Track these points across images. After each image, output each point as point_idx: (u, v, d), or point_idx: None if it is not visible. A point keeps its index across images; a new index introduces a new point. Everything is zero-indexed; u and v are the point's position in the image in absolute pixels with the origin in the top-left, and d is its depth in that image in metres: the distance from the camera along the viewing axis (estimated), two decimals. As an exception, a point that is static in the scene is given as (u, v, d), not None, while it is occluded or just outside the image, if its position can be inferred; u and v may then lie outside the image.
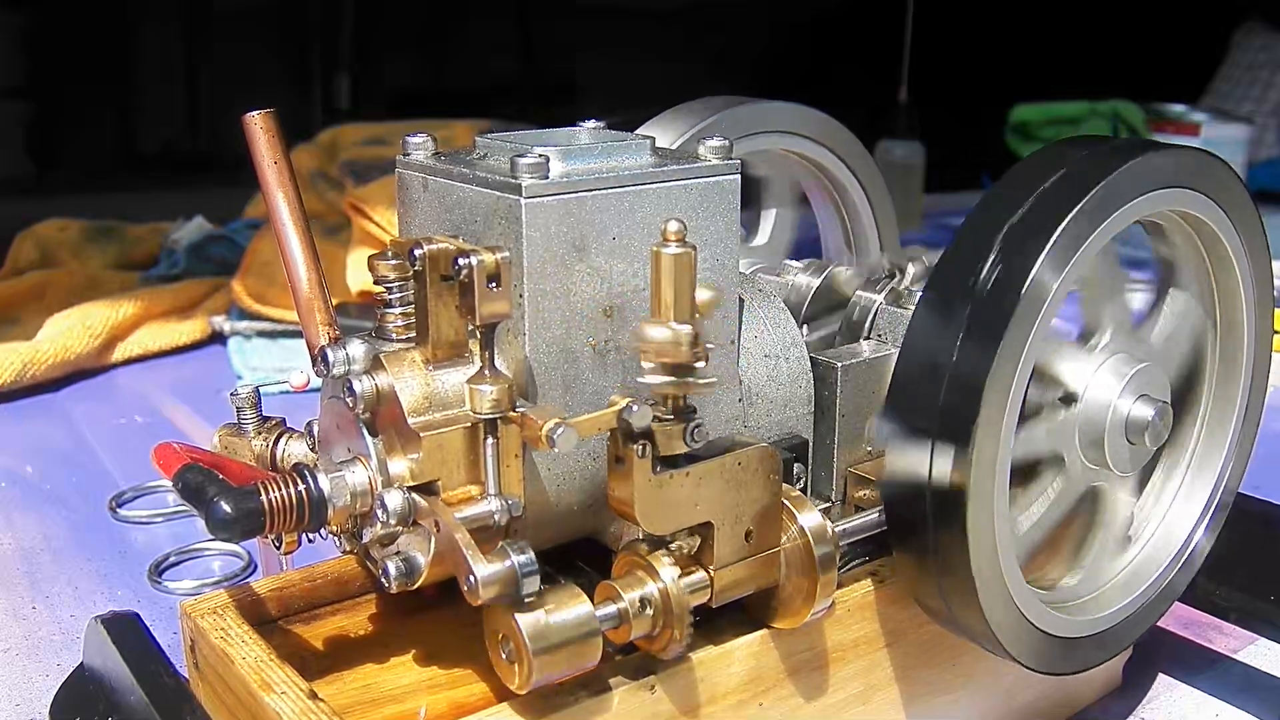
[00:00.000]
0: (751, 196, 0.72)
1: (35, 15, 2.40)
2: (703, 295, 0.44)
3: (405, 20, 2.71)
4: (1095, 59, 2.52)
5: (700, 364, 0.44)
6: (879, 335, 0.61)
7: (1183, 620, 0.72)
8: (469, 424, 0.46)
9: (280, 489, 0.46)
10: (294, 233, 0.53)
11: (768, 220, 0.77)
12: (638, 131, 0.64)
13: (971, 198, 0.58)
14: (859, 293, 0.62)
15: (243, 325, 1.33)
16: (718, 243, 0.52)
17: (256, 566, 0.80)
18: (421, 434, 0.46)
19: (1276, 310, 0.61)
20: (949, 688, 0.58)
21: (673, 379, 0.44)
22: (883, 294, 0.61)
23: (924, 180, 1.98)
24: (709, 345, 0.45)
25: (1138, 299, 0.57)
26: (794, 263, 0.63)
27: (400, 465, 0.47)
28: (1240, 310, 0.58)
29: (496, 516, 0.46)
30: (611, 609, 0.46)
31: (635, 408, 0.44)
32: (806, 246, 0.76)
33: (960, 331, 0.47)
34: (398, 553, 0.47)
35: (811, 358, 0.58)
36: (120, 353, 1.28)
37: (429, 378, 0.47)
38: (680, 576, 0.46)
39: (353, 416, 0.48)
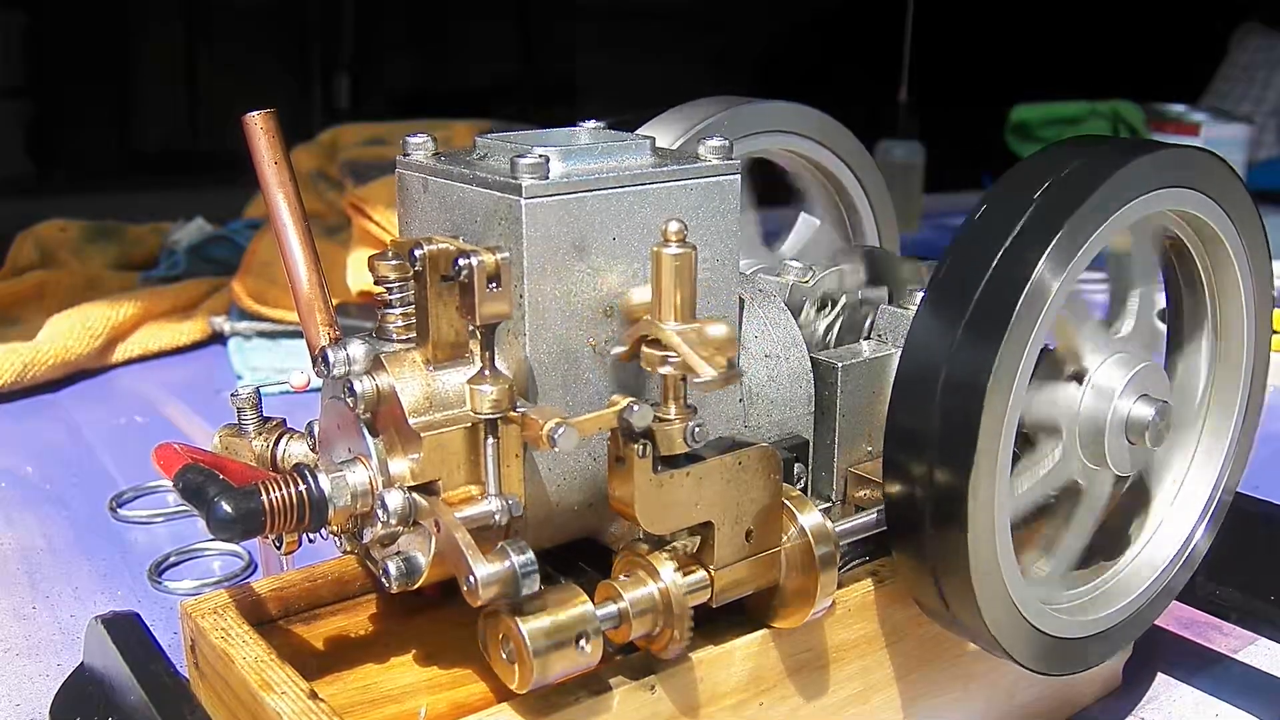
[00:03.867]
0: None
1: (35, 15, 2.40)
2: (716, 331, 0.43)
3: (405, 20, 2.72)
4: (1095, 59, 2.52)
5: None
6: (879, 335, 0.61)
7: (1183, 620, 0.72)
8: (469, 424, 0.46)
9: (281, 489, 0.46)
10: (294, 233, 0.53)
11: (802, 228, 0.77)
12: (638, 131, 0.64)
13: (971, 198, 0.58)
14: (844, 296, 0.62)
15: (243, 325, 1.33)
16: (718, 243, 0.52)
17: (256, 566, 0.80)
18: (422, 434, 0.46)
19: (1276, 310, 0.61)
20: (949, 688, 0.58)
21: (725, 372, 0.44)
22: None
23: (924, 180, 1.98)
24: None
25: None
26: (794, 263, 0.63)
27: (401, 465, 0.47)
28: (1240, 310, 0.58)
29: (497, 516, 0.46)
30: (611, 609, 0.46)
31: (636, 407, 0.44)
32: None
33: (961, 332, 0.47)
34: (398, 553, 0.47)
35: (812, 358, 0.58)
36: (120, 353, 1.28)
37: (429, 378, 0.47)
38: (680, 576, 0.46)
39: (353, 416, 0.48)
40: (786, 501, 0.49)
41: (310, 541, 0.52)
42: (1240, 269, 0.57)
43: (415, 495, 0.46)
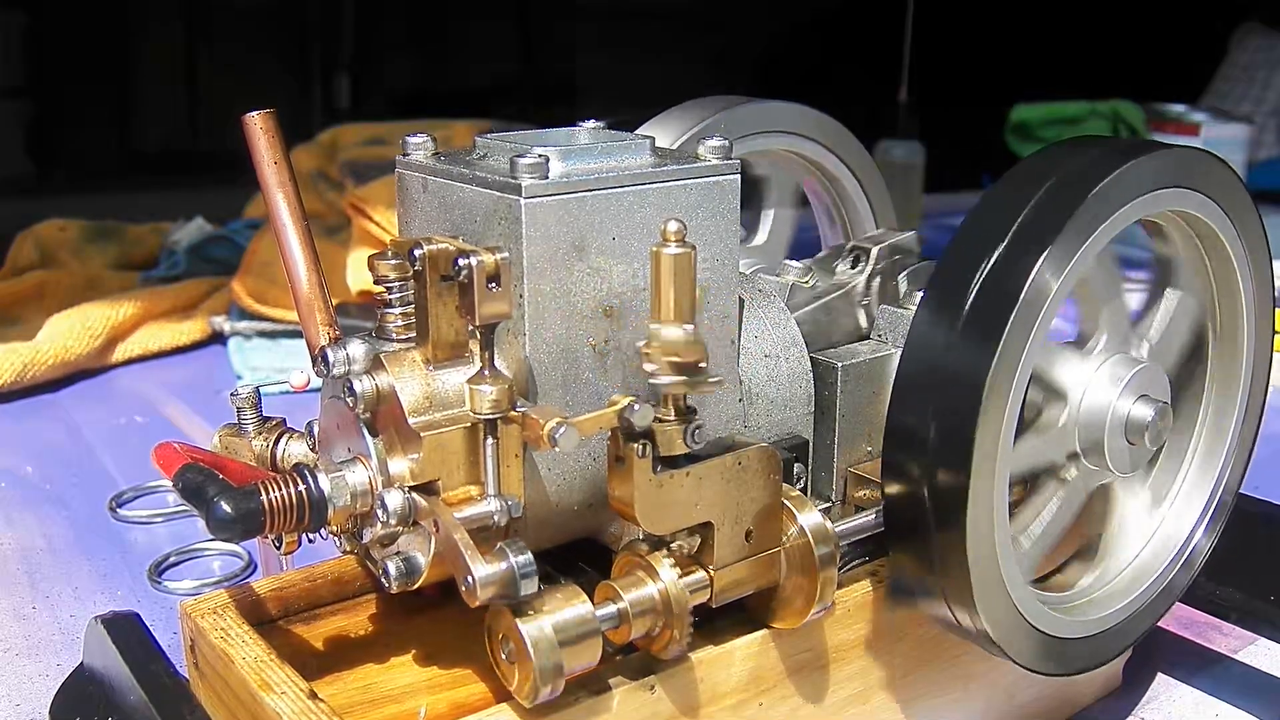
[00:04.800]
0: (752, 196, 0.72)
1: (35, 15, 2.40)
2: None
3: (405, 20, 2.71)
4: (1095, 59, 2.52)
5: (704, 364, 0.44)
6: (879, 335, 0.61)
7: (1183, 620, 0.72)
8: (469, 424, 0.46)
9: (280, 489, 0.46)
10: (294, 233, 0.53)
11: (767, 220, 0.76)
12: (638, 131, 0.64)
13: (971, 198, 0.59)
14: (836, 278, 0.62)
15: (243, 325, 1.33)
16: (717, 242, 0.52)
17: (256, 566, 0.80)
18: (422, 434, 0.46)
19: (1276, 310, 0.61)
20: (949, 688, 0.58)
21: (685, 378, 0.44)
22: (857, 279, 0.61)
23: (924, 180, 1.98)
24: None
25: (1134, 298, 0.57)
26: (794, 262, 0.63)
27: (400, 465, 0.47)
28: (1240, 310, 0.58)
29: (496, 517, 0.46)
30: (611, 609, 0.46)
31: (636, 407, 0.44)
32: (805, 247, 0.76)
33: (960, 332, 0.47)
34: (398, 553, 0.47)
35: (812, 358, 0.58)
36: (120, 353, 1.28)
37: (429, 378, 0.47)
38: (680, 576, 0.46)
39: (353, 416, 0.48)
40: (786, 501, 0.49)
41: (310, 541, 0.52)
42: (1240, 269, 0.57)
43: (415, 495, 0.46)
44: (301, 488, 0.46)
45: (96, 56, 2.46)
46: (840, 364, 0.57)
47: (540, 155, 0.47)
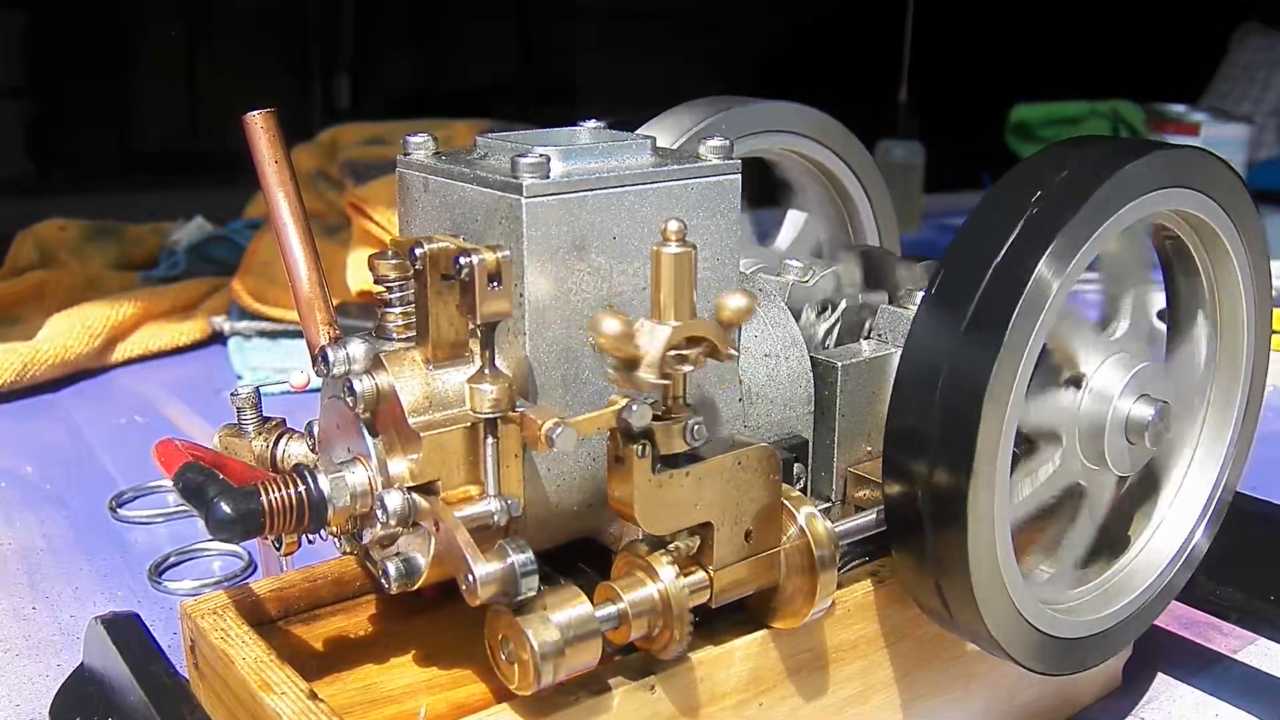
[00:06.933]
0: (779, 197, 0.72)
1: (35, 15, 2.40)
2: (737, 302, 0.44)
3: (405, 20, 2.71)
4: (1095, 59, 2.52)
5: (644, 357, 0.43)
6: (879, 335, 0.60)
7: (1183, 620, 0.72)
8: (469, 424, 0.46)
9: (280, 489, 0.46)
10: (294, 233, 0.53)
11: (792, 223, 0.77)
12: (638, 131, 0.64)
13: (971, 198, 0.59)
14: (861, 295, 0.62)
15: (243, 325, 1.33)
16: (718, 242, 0.52)
17: (256, 567, 0.80)
18: (422, 434, 0.46)
19: (1276, 310, 0.61)
20: (949, 688, 0.58)
21: (626, 373, 0.43)
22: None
23: (924, 180, 1.98)
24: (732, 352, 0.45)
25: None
26: (794, 262, 0.63)
27: (400, 465, 0.47)
28: (1240, 310, 0.58)
29: (496, 517, 0.46)
30: (611, 609, 0.46)
31: (635, 407, 0.44)
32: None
33: (962, 332, 0.47)
34: (398, 553, 0.47)
35: (811, 358, 0.58)
36: (120, 353, 1.28)
37: (429, 377, 0.47)
38: (680, 577, 0.46)
39: (353, 416, 0.48)
40: (786, 502, 0.49)
41: (310, 542, 0.52)
42: (1240, 269, 0.57)
43: (414, 496, 0.46)
44: (301, 488, 0.46)
45: (96, 56, 2.46)
46: (840, 364, 0.57)
47: (541, 155, 0.47)
